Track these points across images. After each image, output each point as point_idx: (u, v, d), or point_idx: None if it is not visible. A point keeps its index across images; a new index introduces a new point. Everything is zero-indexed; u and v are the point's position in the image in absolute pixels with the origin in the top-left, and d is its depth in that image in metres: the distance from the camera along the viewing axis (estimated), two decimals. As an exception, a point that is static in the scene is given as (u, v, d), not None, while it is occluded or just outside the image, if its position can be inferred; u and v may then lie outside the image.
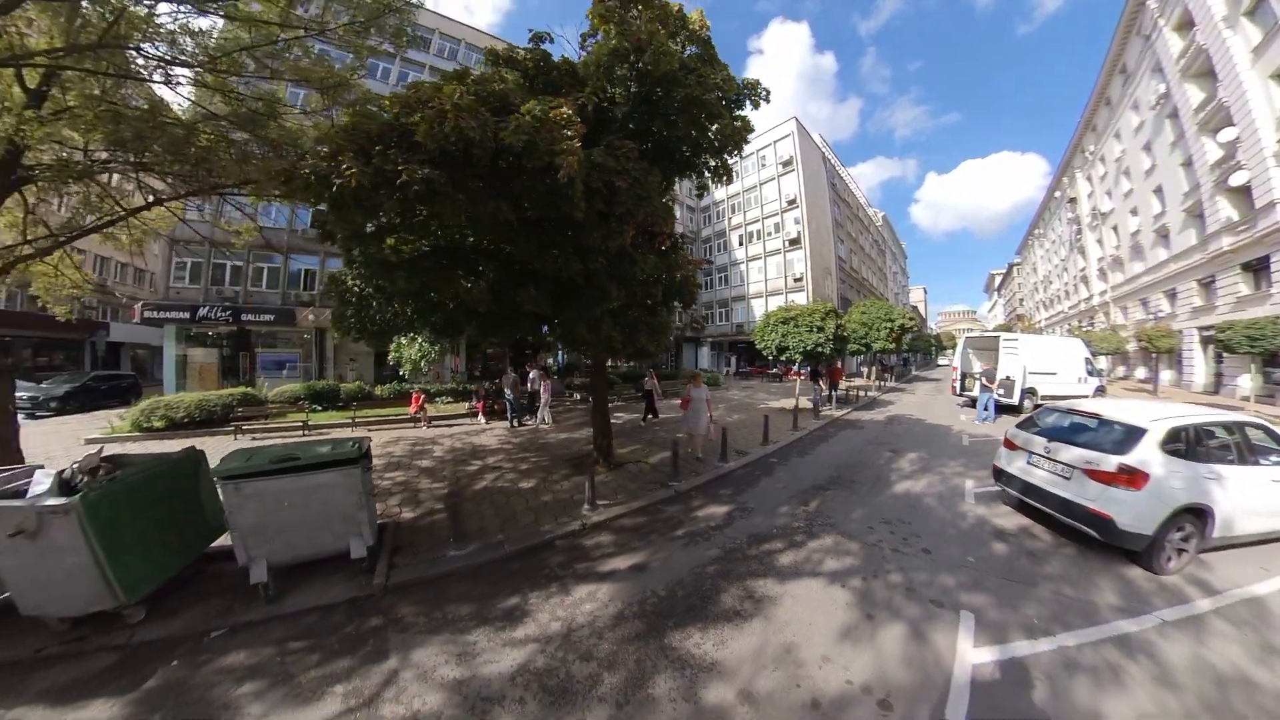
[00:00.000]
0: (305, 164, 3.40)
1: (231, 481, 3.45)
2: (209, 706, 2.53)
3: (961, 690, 2.43)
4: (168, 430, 10.53)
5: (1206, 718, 2.30)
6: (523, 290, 3.95)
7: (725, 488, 6.14)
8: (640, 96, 4.35)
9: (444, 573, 3.81)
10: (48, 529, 3.05)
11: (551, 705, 2.34)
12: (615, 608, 3.20)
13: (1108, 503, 3.62)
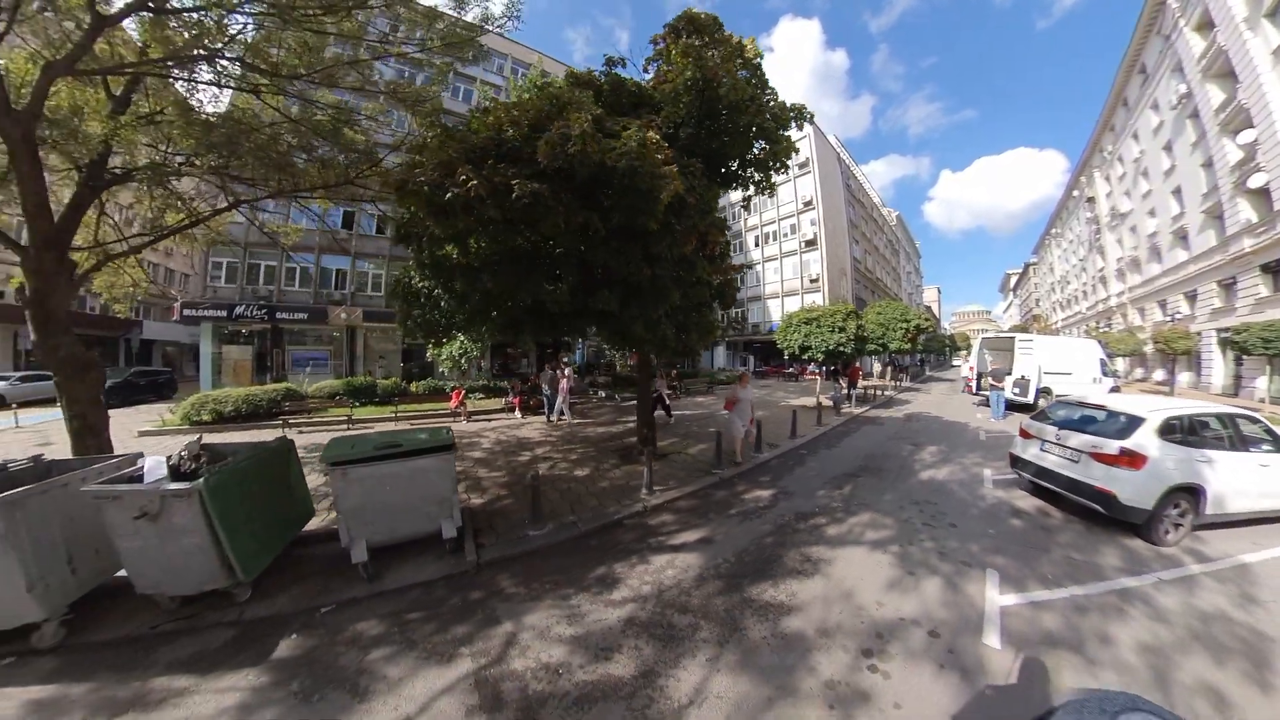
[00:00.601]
0: (418, 174, 4.00)
1: (339, 467, 3.73)
2: (343, 672, 2.75)
3: (994, 622, 3.08)
4: (216, 424, 11.20)
5: (1191, 642, 2.92)
6: (600, 292, 4.62)
7: (764, 475, 6.80)
8: (703, 119, 5.00)
9: (528, 550, 4.26)
10: (169, 512, 3.24)
11: (664, 648, 2.82)
12: (694, 572, 3.82)
13: (1111, 481, 4.24)
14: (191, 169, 6.76)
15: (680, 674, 2.59)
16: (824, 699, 2.43)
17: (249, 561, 3.48)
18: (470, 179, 3.47)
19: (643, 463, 7.12)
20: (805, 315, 13.69)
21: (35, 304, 5.08)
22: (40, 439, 9.66)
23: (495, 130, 3.81)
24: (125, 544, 3.25)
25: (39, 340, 5.10)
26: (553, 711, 2.35)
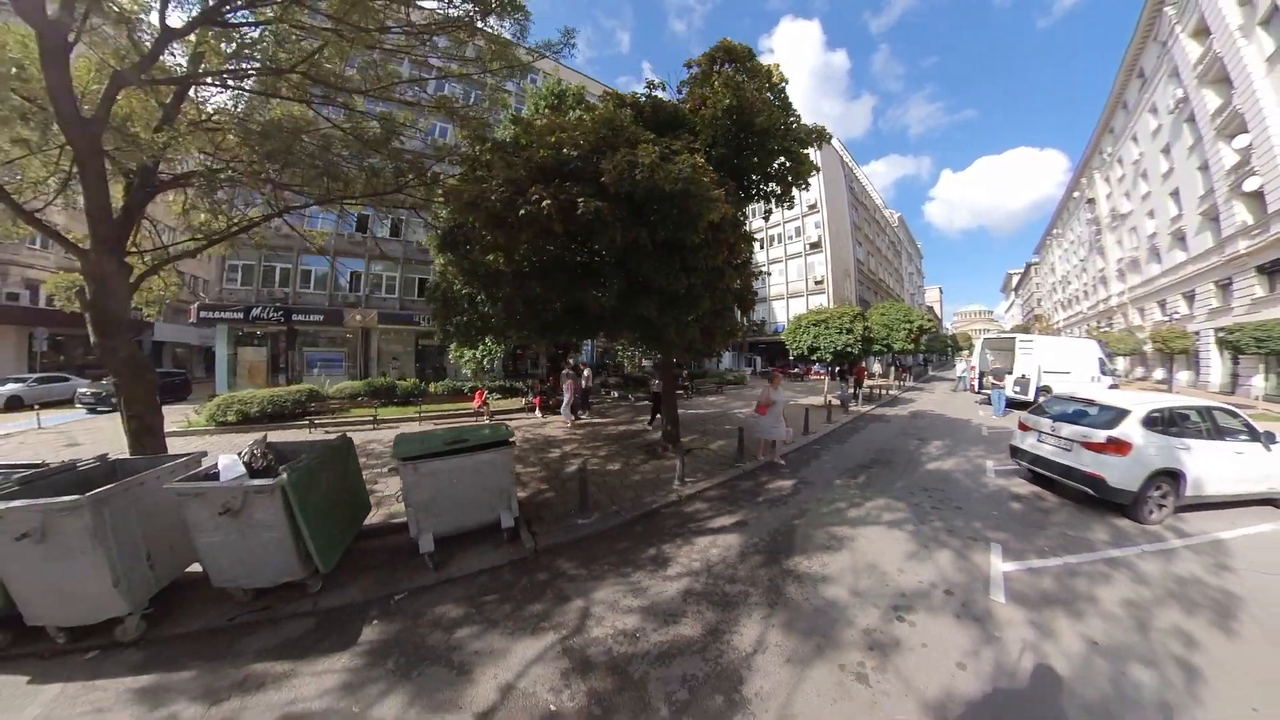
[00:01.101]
0: (488, 190, 4.47)
1: (411, 462, 3.93)
2: (434, 650, 2.95)
3: (999, 584, 3.63)
4: (242, 424, 11.38)
5: (1167, 599, 3.47)
6: (642, 299, 5.17)
7: (783, 468, 7.34)
8: (736, 141, 5.54)
9: (579, 537, 4.58)
10: (250, 507, 3.37)
11: (722, 611, 3.28)
12: (735, 550, 4.34)
13: (1100, 466, 4.80)
14: (246, 176, 6.98)
15: (741, 631, 3.10)
16: (863, 643, 2.96)
17: (327, 553, 3.65)
18: (544, 197, 3.99)
19: (668, 458, 7.68)
20: (814, 317, 14.26)
21: (95, 307, 5.15)
22: (66, 439, 9.88)
23: (556, 150, 4.34)
24: (205, 539, 3.37)
25: (99, 342, 5.16)
26: (639, 667, 2.74)
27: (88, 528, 3.01)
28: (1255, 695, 2.56)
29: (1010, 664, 2.77)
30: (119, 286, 5.36)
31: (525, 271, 5.07)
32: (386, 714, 2.48)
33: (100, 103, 4.92)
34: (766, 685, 2.58)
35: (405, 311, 21.53)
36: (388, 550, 4.27)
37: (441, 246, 6.04)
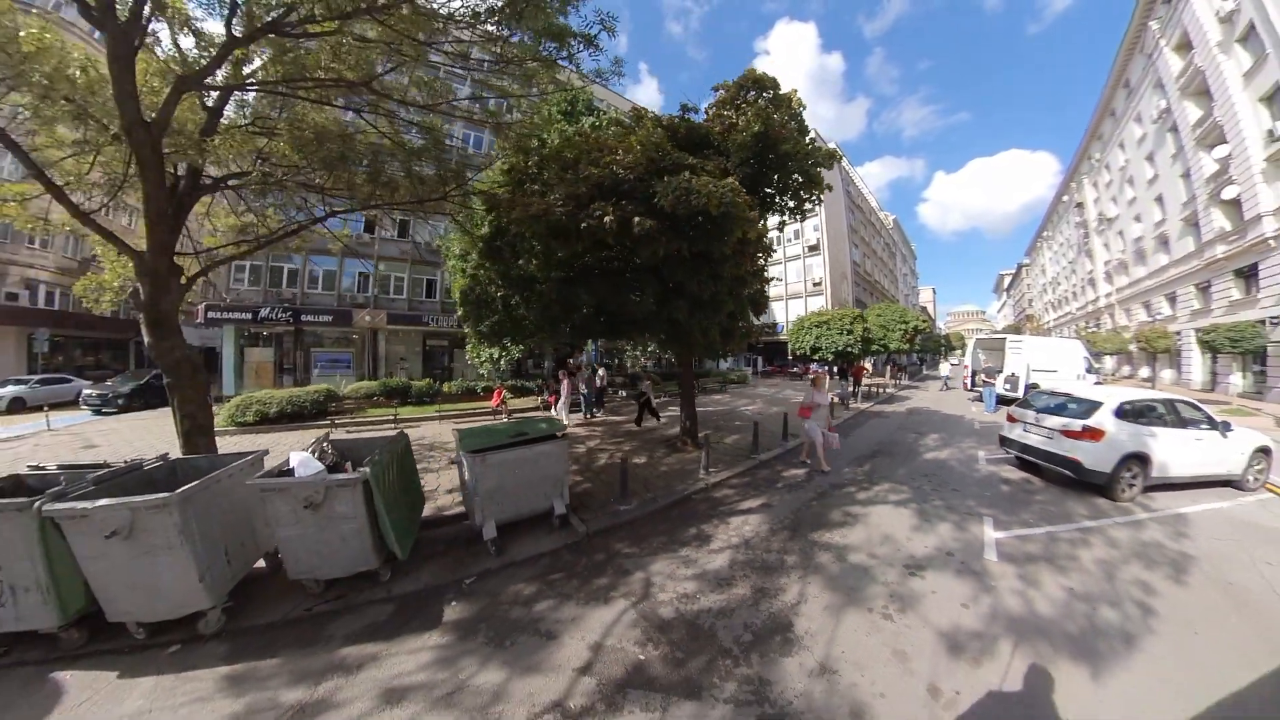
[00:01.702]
0: (556, 204, 4.96)
1: (479, 454, 4.23)
2: (518, 623, 3.25)
3: (991, 547, 4.30)
4: (260, 425, 11.61)
5: (1132, 558, 4.16)
6: (676, 303, 5.78)
7: (794, 458, 8.01)
8: (760, 162, 6.18)
9: (623, 521, 5.04)
10: (332, 500, 3.52)
11: (765, 575, 3.86)
12: (766, 527, 4.95)
13: (1078, 451, 5.52)
14: (299, 180, 7.18)
15: (784, 589, 3.69)
16: (885, 594, 3.60)
17: (403, 542, 3.84)
18: (606, 213, 4.59)
19: (687, 451, 8.31)
20: (816, 319, 15.01)
21: (149, 307, 5.15)
22: (82, 441, 9.91)
23: (610, 170, 4.95)
24: (285, 533, 3.51)
25: (153, 343, 5.21)
26: (706, 620, 3.24)
27: (176, 524, 3.09)
28: (1196, 621, 3.24)
29: (1003, 604, 3.43)
30: (171, 287, 5.39)
31: (570, 277, 5.64)
32: (490, 679, 2.73)
33: (162, 106, 4.99)
34: (813, 626, 3.19)
35: (413, 312, 21.93)
36: (444, 541, 4.50)
37: (483, 253, 6.59)
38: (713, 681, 2.63)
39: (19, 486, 3.64)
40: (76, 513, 3.03)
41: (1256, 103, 18.23)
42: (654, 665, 2.77)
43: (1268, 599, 3.52)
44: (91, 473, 3.68)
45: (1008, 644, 2.99)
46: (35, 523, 3.01)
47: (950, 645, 2.98)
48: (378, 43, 5.69)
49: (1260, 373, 18.24)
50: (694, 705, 2.44)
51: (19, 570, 3.06)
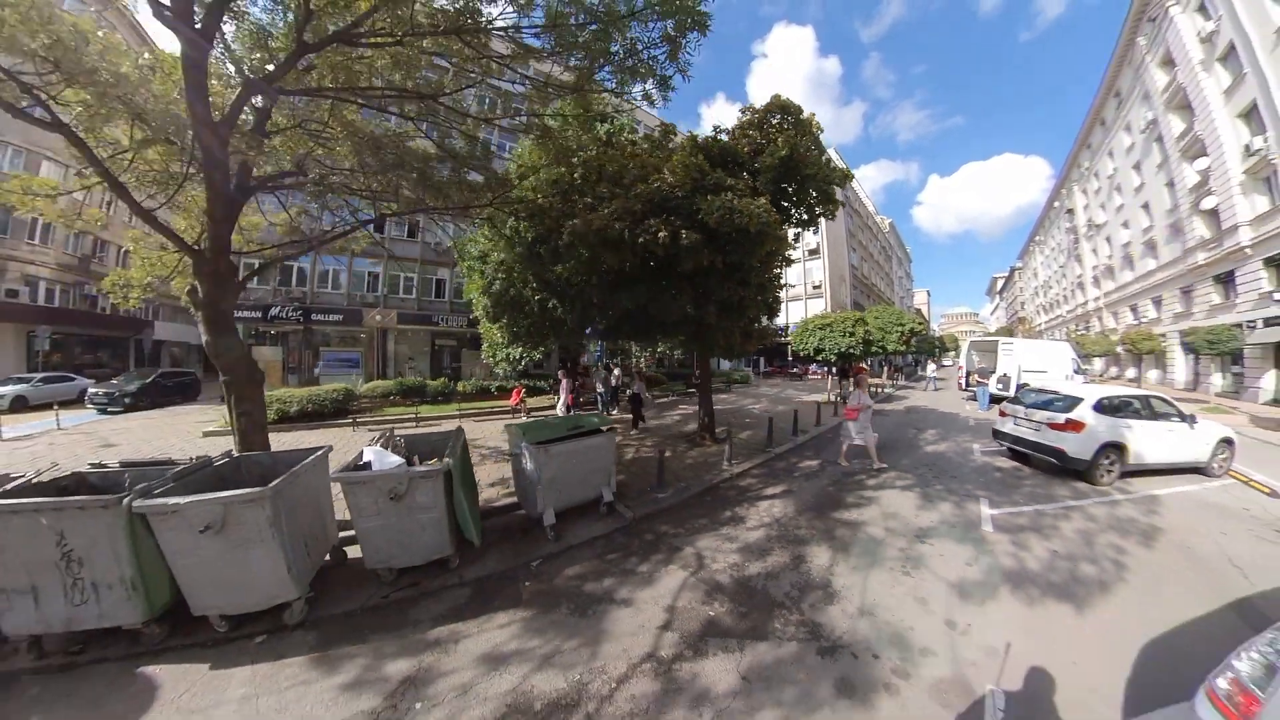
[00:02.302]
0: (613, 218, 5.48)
1: (543, 445, 4.58)
2: (593, 595, 3.57)
3: (987, 521, 5.02)
4: (281, 423, 11.65)
5: (1108, 529, 4.89)
6: (707, 307, 6.45)
7: (807, 450, 8.71)
8: (783, 181, 6.87)
9: (663, 508, 5.50)
10: (413, 491, 3.68)
11: (797, 546, 4.46)
12: (791, 509, 5.59)
13: (1061, 441, 6.29)
14: (355, 184, 7.26)
15: (815, 556, 4.32)
16: (901, 557, 4.28)
17: (477, 529, 4.09)
18: (660, 229, 5.24)
19: (707, 445, 8.98)
20: (820, 322, 15.77)
21: (209, 305, 5.17)
22: (98, 440, 9.96)
23: (659, 189, 5.60)
24: (366, 524, 3.64)
25: (212, 341, 5.23)
26: (756, 582, 3.81)
27: (268, 518, 3.14)
28: (1160, 574, 3.96)
29: (999, 563, 4.13)
30: (229, 286, 5.42)
31: (615, 283, 6.27)
32: (584, 642, 3.05)
33: (231, 108, 5.10)
34: (846, 582, 3.84)
35: (423, 312, 22.38)
36: (497, 530, 4.73)
37: (524, 258, 7.16)
38: (775, 627, 3.23)
39: (81, 484, 3.66)
40: (168, 508, 3.05)
41: (1235, 119, 19.27)
42: (723, 619, 3.34)
43: (1219, 560, 4.25)
44: (154, 470, 3.79)
45: (1005, 590, 3.68)
46: (122, 519, 3.01)
47: (959, 592, 3.67)
48: (445, 59, 5.82)
49: (1239, 374, 19.29)
50: (765, 645, 3.03)
51: (102, 567, 3.03)
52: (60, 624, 3.06)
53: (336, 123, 7.26)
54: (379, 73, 6.58)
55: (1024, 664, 2.81)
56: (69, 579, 3.04)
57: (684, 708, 2.45)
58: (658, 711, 2.42)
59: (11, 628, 3.06)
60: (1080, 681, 2.67)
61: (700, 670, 2.75)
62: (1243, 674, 1.61)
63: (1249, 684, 1.57)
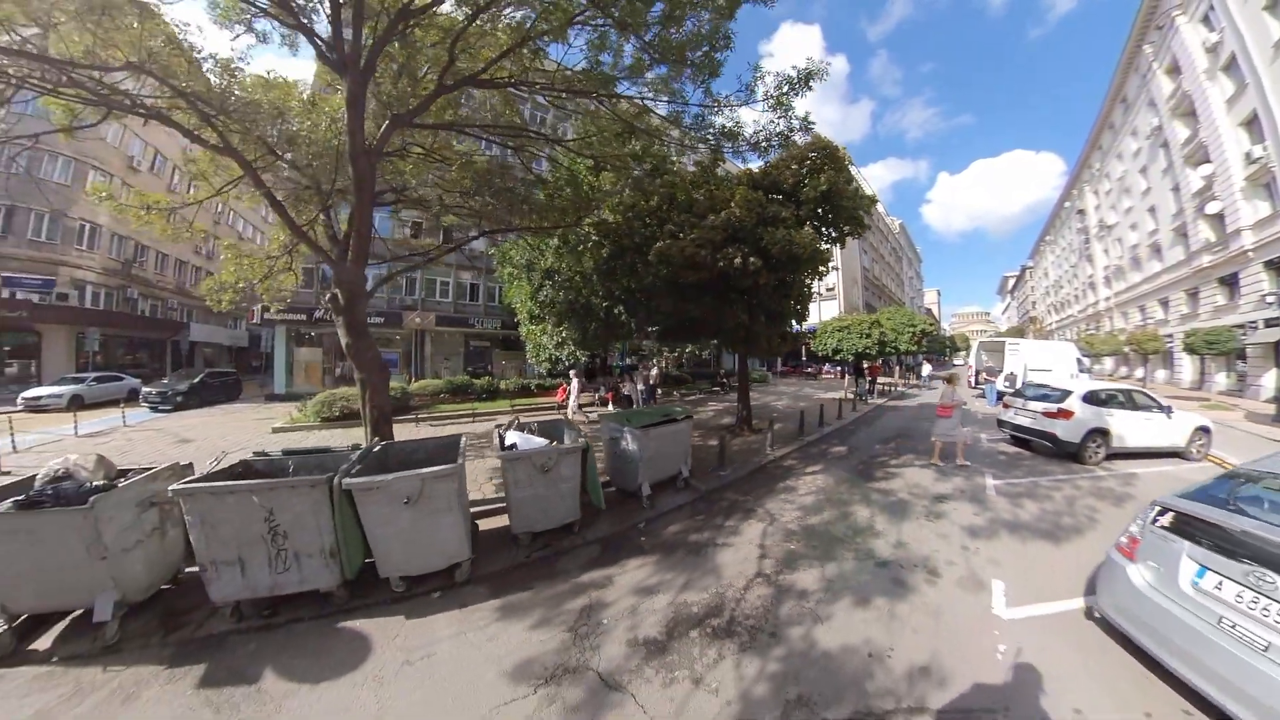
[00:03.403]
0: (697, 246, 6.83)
1: (646, 429, 5.67)
2: (699, 544, 4.66)
3: (991, 489, 6.33)
4: (343, 419, 12.46)
5: (1089, 495, 6.18)
6: (757, 316, 7.79)
7: (832, 439, 10.02)
8: (819, 209, 8.20)
9: (726, 483, 6.70)
10: (559, 466, 4.45)
11: (842, 505, 5.77)
12: (831, 480, 6.90)
13: (1054, 426, 7.59)
14: (465, 205, 8.35)
15: (856, 512, 5.61)
16: (924, 512, 5.57)
17: (602, 497, 5.08)
18: (737, 255, 6.61)
19: (746, 435, 10.31)
20: (838, 324, 17.09)
21: (347, 311, 5.75)
22: (171, 436, 10.64)
23: (729, 220, 6.97)
24: (519, 494, 4.35)
25: (351, 342, 5.86)
26: (818, 527, 5.09)
27: (455, 490, 3.69)
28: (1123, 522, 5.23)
29: (1000, 516, 5.44)
30: (362, 293, 6.01)
31: (686, 295, 7.62)
32: (707, 571, 4.09)
33: (379, 138, 5.83)
34: (884, 527, 5.14)
35: (459, 314, 23.85)
36: (590, 504, 5.23)
37: (601, 272, 8.53)
38: (840, 553, 4.52)
39: (249, 470, 4.16)
40: (374, 485, 3.53)
41: (1237, 127, 20.23)
42: (801, 550, 4.62)
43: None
44: (313, 457, 4.38)
45: (1003, 531, 4.99)
46: (326, 495, 3.48)
47: (969, 532, 4.99)
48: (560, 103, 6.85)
49: (1241, 373, 20.29)
50: (834, 563, 4.31)
51: (304, 539, 3.44)
52: (265, 590, 3.46)
53: (448, 150, 8.17)
54: (488, 108, 7.81)
55: (1016, 570, 4.13)
56: (273, 550, 3.43)
57: (792, 600, 3.70)
58: (776, 604, 3.64)
59: (219, 595, 3.41)
60: (1054, 577, 3.99)
61: (795, 579, 4.02)
62: (1131, 530, 2.95)
63: (1134, 533, 2.91)
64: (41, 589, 3.22)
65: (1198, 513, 2.62)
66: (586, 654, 3.03)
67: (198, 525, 3.33)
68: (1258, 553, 2.26)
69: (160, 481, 3.80)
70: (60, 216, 22.59)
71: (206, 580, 3.40)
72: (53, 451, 8.87)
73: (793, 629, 3.25)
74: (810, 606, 3.55)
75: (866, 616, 3.42)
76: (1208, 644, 2.25)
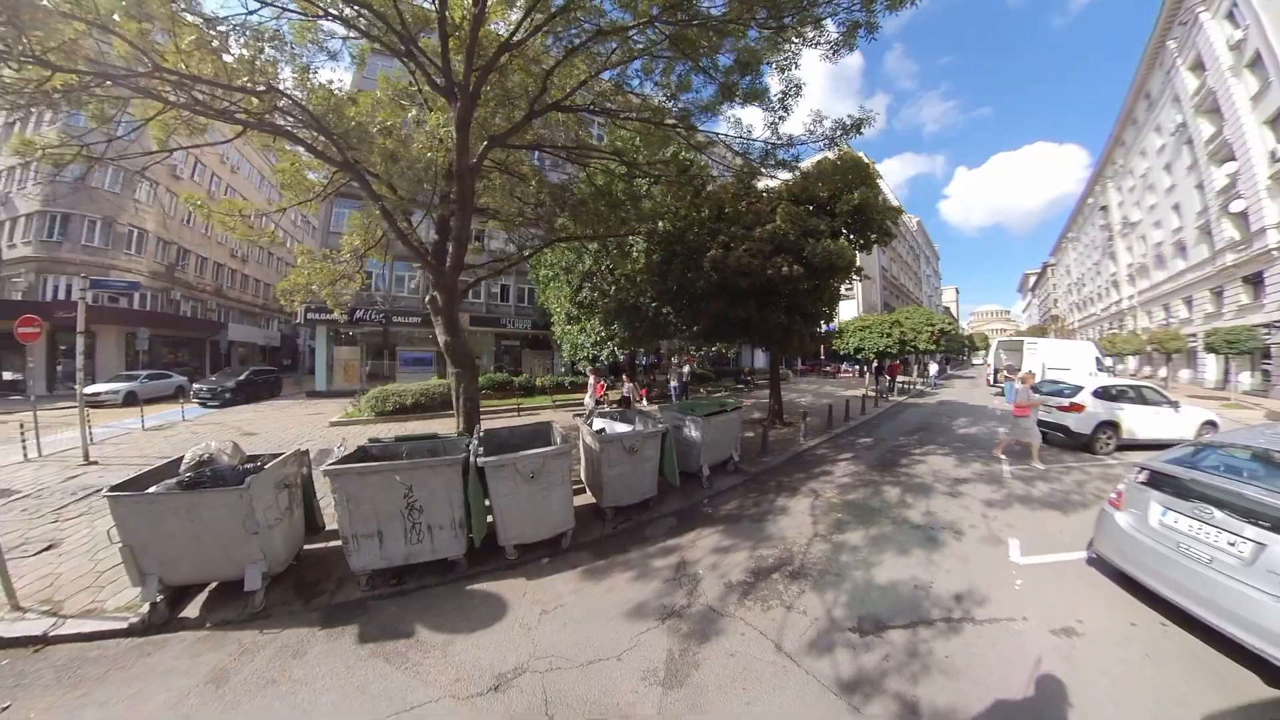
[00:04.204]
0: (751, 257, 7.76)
1: (706, 418, 6.50)
2: (758, 511, 5.58)
3: (1007, 473, 7.17)
4: (398, 414, 13.45)
5: (1098, 479, 6.96)
6: (794, 317, 8.68)
7: (859, 432, 10.87)
8: (850, 219, 9.05)
9: (770, 467, 7.57)
10: (644, 447, 5.06)
11: (874, 485, 6.65)
12: (862, 466, 7.76)
13: (1066, 420, 8.39)
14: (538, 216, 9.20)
15: (888, 490, 6.49)
16: (947, 490, 6.43)
17: (677, 475, 5.90)
18: (785, 265, 7.52)
19: (779, 428, 11.21)
20: (860, 324, 17.85)
21: (446, 312, 6.47)
22: (233, 430, 11.38)
23: (775, 232, 7.88)
24: (610, 472, 4.96)
25: (449, 340, 6.53)
26: (859, 500, 6.07)
27: (566, 467, 4.35)
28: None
29: (1014, 493, 6.28)
30: (457, 297, 6.69)
31: (733, 299, 8.54)
32: (770, 534, 4.92)
33: (478, 159, 6.37)
34: (913, 501, 6.02)
35: (491, 315, 25.06)
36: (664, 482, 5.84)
37: (653, 277, 9.48)
38: (879, 519, 5.43)
39: (366, 455, 4.56)
40: (504, 462, 4.09)
41: (1262, 125, 20.34)
42: (846, 517, 5.50)
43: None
44: (424, 443, 4.93)
45: (1017, 504, 5.84)
46: (459, 473, 3.95)
47: (987, 504, 5.86)
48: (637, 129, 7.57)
49: (1266, 372, 20.47)
50: (876, 526, 5.19)
51: (437, 512, 3.86)
52: (400, 559, 3.82)
53: (524, 167, 9.01)
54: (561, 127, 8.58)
55: (1029, 531, 5.00)
56: (409, 523, 3.80)
57: (847, 552, 4.58)
58: (834, 555, 4.52)
59: (358, 565, 3.78)
60: (1061, 537, 4.87)
61: (845, 538, 4.92)
62: (1120, 487, 3.82)
63: (1121, 489, 3.78)
64: (199, 562, 3.54)
65: (1164, 469, 3.50)
66: (692, 596, 3.74)
67: (344, 502, 3.69)
68: (1201, 494, 3.13)
69: (289, 466, 4.22)
70: (111, 223, 24.24)
71: (348, 552, 3.77)
72: (126, 444, 9.85)
73: (852, 571, 4.17)
74: (863, 556, 4.47)
75: (908, 562, 4.33)
76: (1170, 563, 3.13)
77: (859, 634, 3.24)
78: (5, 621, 3.46)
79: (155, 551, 3.43)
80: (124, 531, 3.39)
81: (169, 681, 2.97)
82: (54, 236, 21.91)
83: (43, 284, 21.82)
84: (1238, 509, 2.89)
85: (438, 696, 2.76)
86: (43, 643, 3.32)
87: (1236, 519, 2.87)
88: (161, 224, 26.97)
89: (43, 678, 3.02)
